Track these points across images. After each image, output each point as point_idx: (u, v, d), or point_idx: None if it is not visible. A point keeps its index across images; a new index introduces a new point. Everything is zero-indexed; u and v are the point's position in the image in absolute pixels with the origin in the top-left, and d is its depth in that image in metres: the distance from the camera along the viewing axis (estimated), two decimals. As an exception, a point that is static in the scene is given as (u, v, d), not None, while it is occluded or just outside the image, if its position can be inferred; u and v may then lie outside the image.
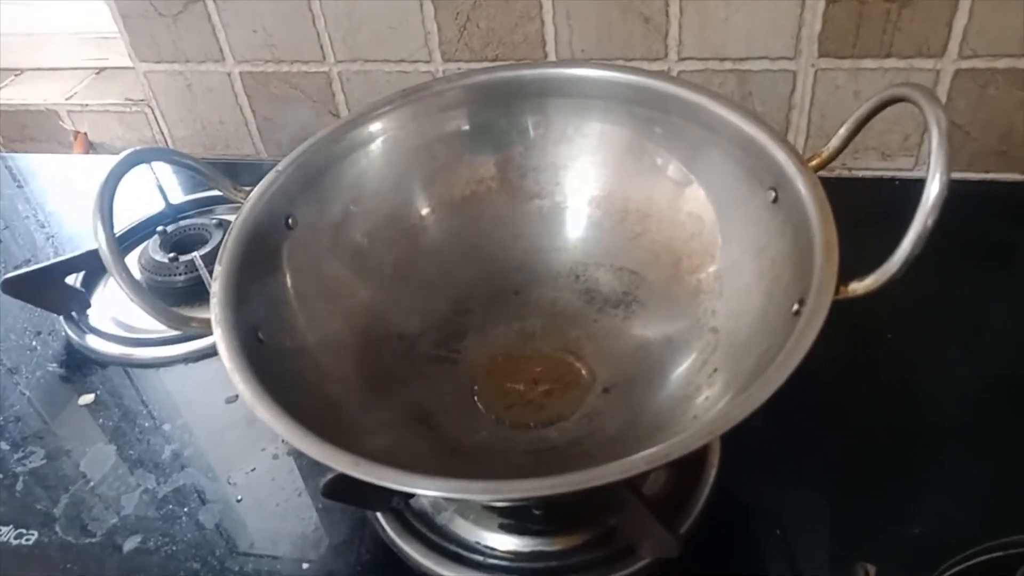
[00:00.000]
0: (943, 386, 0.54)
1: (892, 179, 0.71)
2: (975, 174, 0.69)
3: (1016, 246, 0.64)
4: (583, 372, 0.52)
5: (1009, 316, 0.58)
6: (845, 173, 0.72)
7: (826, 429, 0.52)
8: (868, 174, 0.72)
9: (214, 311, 0.41)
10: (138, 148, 0.44)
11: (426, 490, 0.35)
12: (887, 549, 0.44)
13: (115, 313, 0.67)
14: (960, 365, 0.55)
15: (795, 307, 0.39)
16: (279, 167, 0.49)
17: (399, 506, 0.49)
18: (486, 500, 0.43)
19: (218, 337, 0.40)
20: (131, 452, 0.56)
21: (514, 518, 0.47)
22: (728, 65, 0.68)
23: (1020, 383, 0.53)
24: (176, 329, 0.42)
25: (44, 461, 0.56)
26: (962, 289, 0.59)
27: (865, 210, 0.53)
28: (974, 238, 0.62)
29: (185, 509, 0.52)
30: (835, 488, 0.49)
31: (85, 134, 0.93)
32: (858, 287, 0.38)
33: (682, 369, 0.48)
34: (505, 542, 0.47)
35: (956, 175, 0.68)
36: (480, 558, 0.47)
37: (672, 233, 0.51)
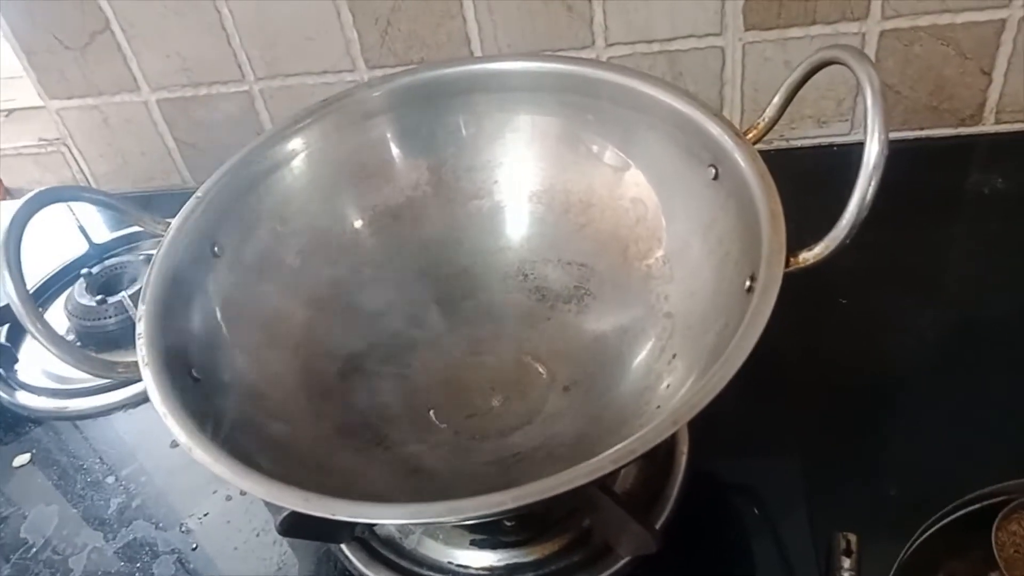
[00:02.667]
0: (901, 344, 0.54)
1: (830, 145, 0.71)
2: (910, 132, 0.69)
3: (955, 198, 0.65)
4: (541, 373, 0.50)
5: (955, 267, 0.59)
6: (783, 144, 0.72)
7: (791, 401, 0.52)
8: (805, 143, 0.71)
9: (140, 352, 0.39)
10: (43, 189, 0.41)
11: (382, 519, 0.33)
12: (866, 514, 0.44)
13: (45, 366, 0.64)
14: (914, 321, 0.55)
15: (747, 283, 0.38)
16: (199, 193, 0.46)
17: (363, 534, 0.47)
18: (448, 521, 0.41)
19: (147, 379, 0.38)
20: (75, 510, 0.53)
21: (485, 533, 0.46)
22: (656, 47, 0.67)
23: (974, 332, 0.54)
24: (102, 377, 0.40)
25: (-20, 531, 0.53)
26: (908, 246, 0.60)
27: (806, 179, 0.52)
28: (914, 195, 0.62)
29: (138, 564, 0.49)
30: (808, 459, 0.48)
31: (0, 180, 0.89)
32: (808, 256, 0.38)
33: (641, 358, 0.47)
34: (479, 559, 0.45)
35: (891, 134, 0.69)
36: (454, 579, 0.45)
37: (617, 220, 0.50)
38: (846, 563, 0.41)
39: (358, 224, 0.53)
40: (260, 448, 0.41)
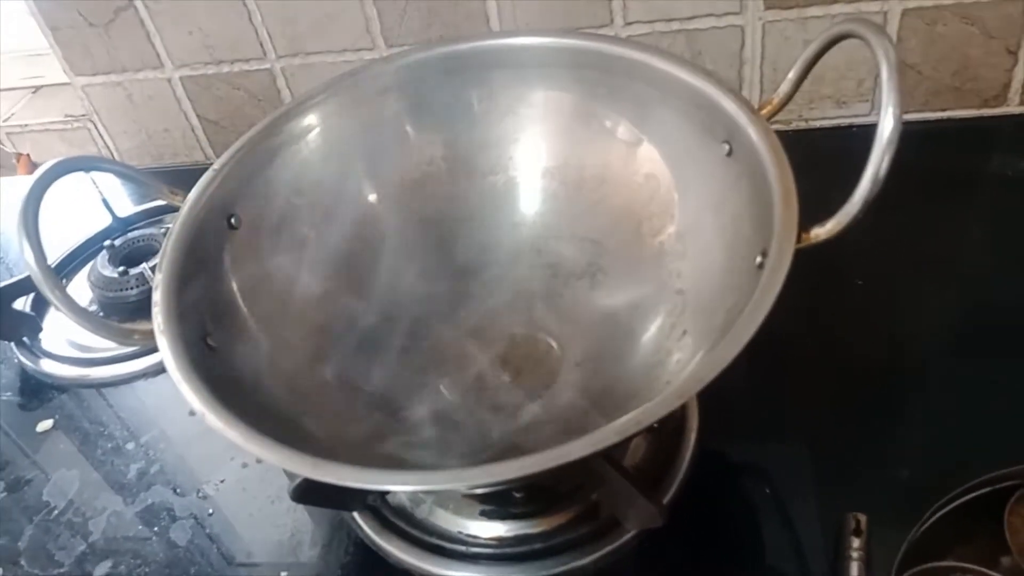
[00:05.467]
0: (917, 326, 0.53)
1: (849, 126, 0.70)
2: (932, 113, 0.68)
3: (977, 179, 0.64)
4: (553, 347, 0.50)
5: (976, 249, 0.58)
6: (802, 124, 0.71)
7: (805, 381, 0.51)
8: (825, 123, 0.71)
9: (156, 320, 0.39)
10: (60, 159, 0.42)
11: (389, 485, 0.34)
12: (876, 495, 0.44)
13: (68, 335, 0.65)
14: (931, 303, 0.54)
15: (759, 259, 0.38)
16: (216, 165, 0.47)
17: (375, 503, 0.47)
18: (454, 488, 0.42)
19: (163, 347, 0.39)
20: (95, 475, 0.54)
21: (495, 504, 0.46)
22: (675, 25, 0.67)
23: (991, 316, 0.53)
24: (119, 343, 0.40)
25: (4, 494, 0.54)
26: (928, 227, 0.59)
27: (825, 160, 0.52)
28: (935, 176, 0.62)
29: (155, 528, 0.50)
30: (819, 439, 0.48)
31: (28, 155, 0.90)
32: (820, 232, 0.37)
33: (651, 334, 0.47)
34: (488, 529, 0.46)
35: (913, 115, 0.69)
36: (463, 548, 0.46)
37: (630, 197, 0.50)
38: (855, 543, 0.41)
39: (373, 198, 0.53)
40: (275, 416, 0.41)
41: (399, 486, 0.36)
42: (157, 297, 0.41)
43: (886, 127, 0.36)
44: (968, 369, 0.50)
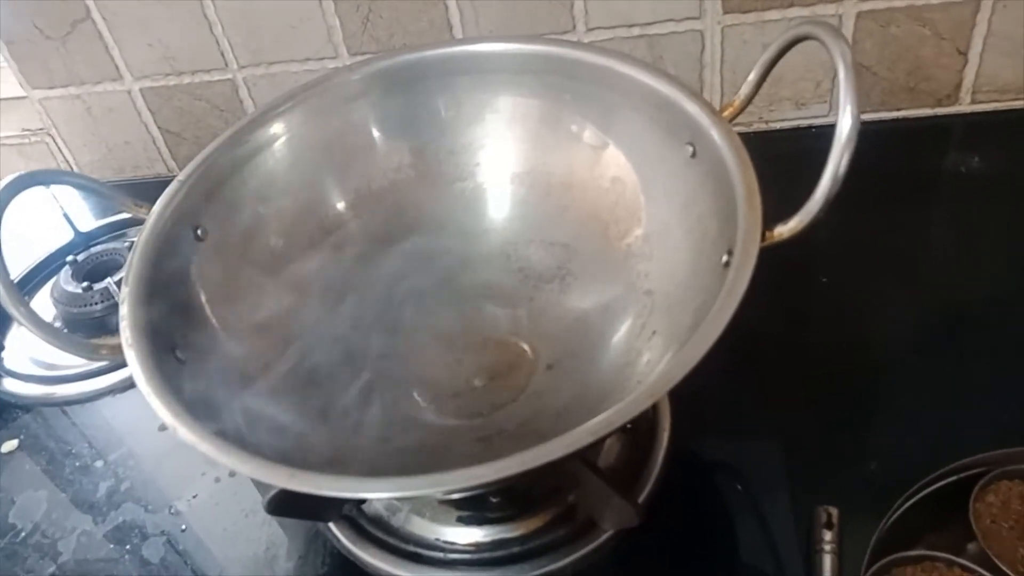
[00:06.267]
0: (882, 321, 0.55)
1: (808, 127, 0.71)
2: (888, 113, 0.70)
3: (934, 177, 0.65)
4: (525, 351, 0.51)
5: (936, 245, 0.60)
6: (762, 126, 0.72)
7: (774, 378, 0.52)
8: (785, 125, 0.72)
9: (124, 334, 0.39)
10: (21, 173, 0.41)
11: (366, 493, 0.33)
12: (846, 488, 0.45)
13: (32, 352, 0.64)
14: (894, 298, 0.56)
15: (724, 258, 0.39)
16: (181, 176, 0.47)
17: (351, 513, 0.47)
18: (431, 494, 0.42)
19: (131, 361, 0.38)
20: (64, 495, 0.53)
21: (472, 509, 0.46)
22: (636, 31, 0.67)
23: (954, 309, 0.54)
24: (86, 358, 0.40)
25: (-33, 519, 0.53)
26: (888, 225, 0.60)
27: (785, 160, 0.52)
28: (893, 175, 0.63)
29: (127, 546, 0.50)
30: (790, 435, 0.49)
31: (-16, 171, 0.88)
32: (783, 231, 0.38)
33: (621, 335, 0.47)
34: (466, 535, 0.46)
35: (870, 115, 0.70)
36: (441, 555, 0.46)
37: (597, 201, 0.50)
38: (827, 536, 0.42)
39: (341, 206, 0.53)
40: (246, 428, 0.41)
41: (375, 493, 0.36)
42: (124, 311, 0.40)
43: (844, 126, 0.36)
44: (931, 363, 0.51)
